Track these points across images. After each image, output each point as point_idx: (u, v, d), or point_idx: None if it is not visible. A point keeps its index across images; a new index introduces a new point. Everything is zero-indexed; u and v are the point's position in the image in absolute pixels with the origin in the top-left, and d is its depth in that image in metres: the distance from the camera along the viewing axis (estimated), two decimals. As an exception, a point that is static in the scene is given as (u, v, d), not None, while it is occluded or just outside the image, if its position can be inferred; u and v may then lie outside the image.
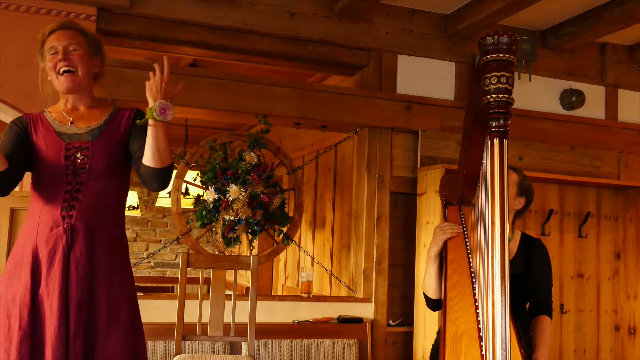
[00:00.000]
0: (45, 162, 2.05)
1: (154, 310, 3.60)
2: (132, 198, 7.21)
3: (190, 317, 3.34)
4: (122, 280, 2.06)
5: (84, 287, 1.97)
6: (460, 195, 2.26)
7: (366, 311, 4.08)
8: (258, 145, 4.00)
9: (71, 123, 2.11)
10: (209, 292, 3.38)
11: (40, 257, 1.98)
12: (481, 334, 1.98)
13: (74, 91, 2.13)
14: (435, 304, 2.50)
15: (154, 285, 7.41)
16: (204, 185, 3.97)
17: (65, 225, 1.99)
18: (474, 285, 2.13)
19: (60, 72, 2.09)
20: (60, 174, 2.04)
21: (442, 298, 2.18)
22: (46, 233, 1.99)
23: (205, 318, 3.29)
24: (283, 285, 6.34)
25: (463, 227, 2.34)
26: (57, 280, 1.95)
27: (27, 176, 2.14)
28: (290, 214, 4.23)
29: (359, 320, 3.99)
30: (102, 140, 2.09)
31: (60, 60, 2.08)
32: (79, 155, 2.05)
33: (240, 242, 4.09)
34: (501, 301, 1.77)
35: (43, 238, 1.99)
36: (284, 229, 4.15)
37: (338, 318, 3.98)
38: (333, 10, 4.08)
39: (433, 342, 2.66)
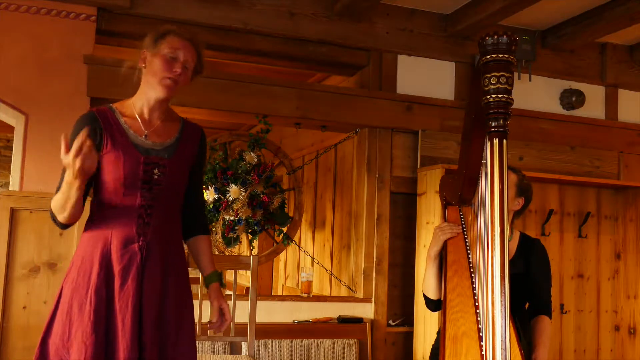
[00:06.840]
0: (120, 173, 1.97)
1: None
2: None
3: (190, 317, 3.34)
4: (185, 290, 2.08)
5: (157, 305, 1.97)
6: (460, 196, 2.26)
7: (366, 311, 4.08)
8: (258, 145, 4.00)
9: (145, 136, 2.04)
10: (209, 292, 3.37)
11: (114, 271, 1.94)
12: (481, 334, 1.98)
13: (164, 100, 2.07)
14: (434, 305, 2.50)
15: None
16: (204, 185, 3.97)
17: (140, 243, 1.96)
18: (474, 286, 2.13)
19: (169, 79, 2.02)
20: (136, 188, 1.97)
21: (442, 298, 2.18)
22: (120, 249, 1.94)
23: (205, 318, 3.28)
24: (283, 285, 6.34)
25: (463, 227, 2.34)
26: (131, 297, 1.92)
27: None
28: (290, 214, 4.23)
29: (359, 320, 3.99)
30: (176, 159, 2.06)
31: (176, 72, 2.03)
32: (156, 171, 1.99)
33: (240, 242, 4.09)
34: (501, 301, 1.77)
35: (117, 253, 1.94)
36: (284, 229, 4.15)
37: (338, 318, 3.98)
38: (333, 10, 4.08)
39: (433, 342, 2.66)
